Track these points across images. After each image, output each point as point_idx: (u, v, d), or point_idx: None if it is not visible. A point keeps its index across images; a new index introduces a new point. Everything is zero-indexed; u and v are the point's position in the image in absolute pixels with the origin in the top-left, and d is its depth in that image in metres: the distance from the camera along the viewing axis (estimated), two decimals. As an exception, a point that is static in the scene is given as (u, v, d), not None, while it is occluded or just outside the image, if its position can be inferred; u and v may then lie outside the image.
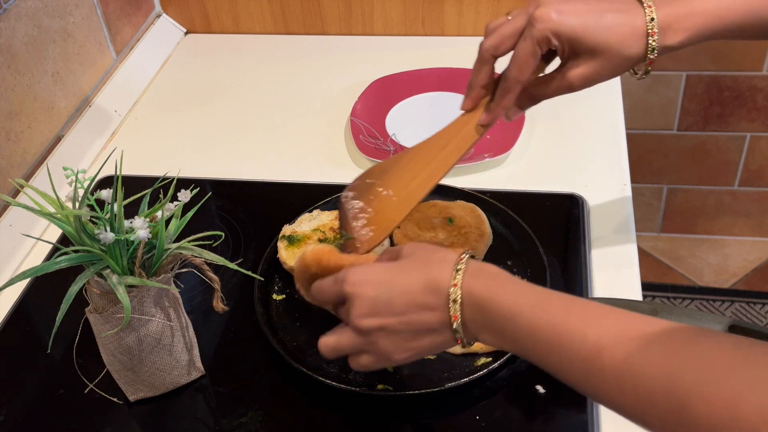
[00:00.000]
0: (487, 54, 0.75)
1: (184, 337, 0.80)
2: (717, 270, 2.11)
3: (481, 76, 0.76)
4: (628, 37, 0.70)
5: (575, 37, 0.70)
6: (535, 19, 0.71)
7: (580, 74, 0.73)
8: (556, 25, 0.70)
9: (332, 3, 1.40)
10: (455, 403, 0.79)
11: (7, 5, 1.05)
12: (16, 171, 1.08)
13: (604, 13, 0.71)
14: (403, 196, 0.79)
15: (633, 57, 0.72)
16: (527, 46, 0.72)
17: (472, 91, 0.78)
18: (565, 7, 0.71)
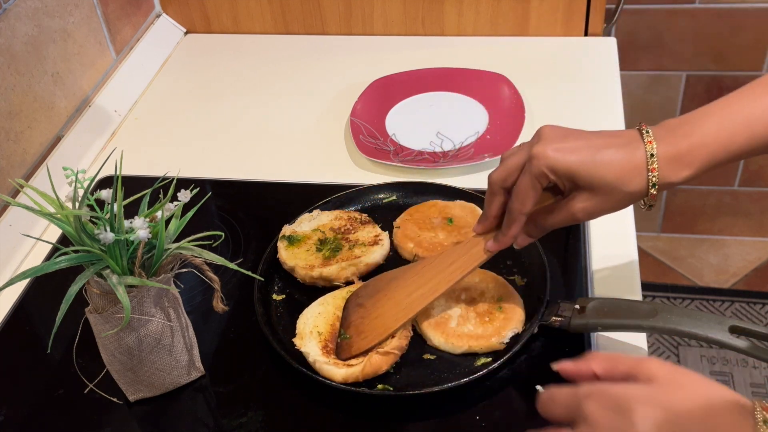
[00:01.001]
0: (495, 186, 0.77)
1: (184, 337, 0.80)
2: (717, 270, 2.11)
3: (494, 207, 0.78)
4: (627, 173, 0.70)
5: (572, 174, 0.71)
6: (533, 156, 0.72)
7: (581, 208, 0.73)
8: (552, 162, 0.71)
9: (332, 3, 1.40)
10: (455, 403, 0.79)
11: (7, 5, 1.05)
12: (16, 171, 1.08)
13: (602, 149, 0.70)
14: (404, 305, 0.82)
15: (634, 192, 0.70)
16: (526, 181, 0.73)
17: (486, 221, 0.80)
18: (562, 144, 0.71)
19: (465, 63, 1.30)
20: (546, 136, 0.73)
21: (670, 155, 0.69)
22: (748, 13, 1.71)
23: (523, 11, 1.34)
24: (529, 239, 0.79)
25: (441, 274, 0.81)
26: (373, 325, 0.82)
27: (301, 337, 0.83)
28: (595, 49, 1.34)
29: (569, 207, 0.73)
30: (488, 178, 0.78)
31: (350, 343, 0.82)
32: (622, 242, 0.96)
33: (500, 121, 1.17)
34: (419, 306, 0.81)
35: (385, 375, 0.81)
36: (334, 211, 0.99)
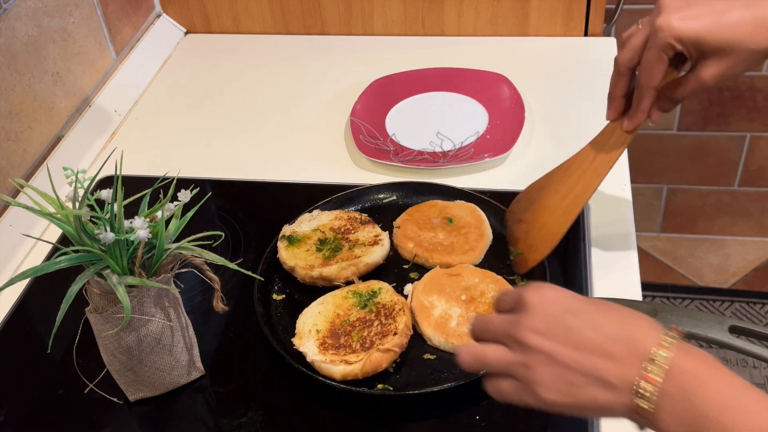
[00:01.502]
0: (623, 68, 0.79)
1: (184, 337, 0.80)
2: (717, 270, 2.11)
3: (620, 87, 0.81)
4: (754, 31, 0.70)
5: (699, 41, 0.72)
6: (657, 28, 0.73)
7: (711, 74, 0.74)
8: (678, 32, 0.72)
9: (332, 3, 1.40)
10: (455, 403, 0.79)
11: (7, 5, 1.05)
12: (16, 171, 1.08)
13: (727, 11, 0.71)
14: (563, 208, 0.84)
15: (763, 50, 0.71)
16: (653, 55, 0.74)
17: (614, 102, 0.82)
18: (686, 12, 0.72)
19: (465, 63, 1.30)
20: (667, 6, 0.73)
21: None
22: (748, 13, 1.70)
23: (523, 11, 1.34)
24: (662, 114, 0.80)
25: (589, 170, 0.82)
26: (540, 236, 0.84)
27: (300, 337, 0.83)
28: (595, 49, 1.34)
29: (698, 75, 0.74)
30: (615, 60, 0.80)
31: (524, 258, 0.83)
32: (622, 242, 0.96)
33: (500, 121, 1.17)
34: (578, 206, 0.82)
35: (385, 375, 0.81)
36: (334, 211, 0.99)
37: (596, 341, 0.56)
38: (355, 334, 0.82)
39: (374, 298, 0.86)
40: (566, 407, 0.57)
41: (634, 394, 0.54)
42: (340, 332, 0.83)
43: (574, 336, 0.56)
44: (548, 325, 0.57)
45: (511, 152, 1.10)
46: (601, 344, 0.56)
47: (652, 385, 0.53)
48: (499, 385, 0.60)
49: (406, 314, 0.83)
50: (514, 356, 0.59)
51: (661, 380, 0.53)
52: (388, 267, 0.94)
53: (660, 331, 0.55)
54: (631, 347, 0.55)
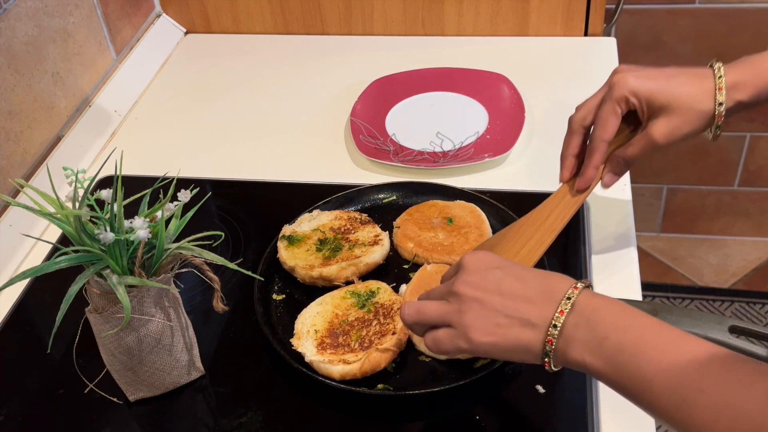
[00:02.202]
0: (576, 125, 0.86)
1: (184, 337, 0.80)
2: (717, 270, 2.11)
3: (573, 146, 0.86)
4: (698, 94, 0.79)
5: (650, 95, 0.80)
6: (614, 83, 0.81)
7: (661, 132, 0.80)
8: (633, 86, 0.80)
9: (332, 3, 1.40)
10: (455, 403, 0.79)
11: (7, 5, 1.05)
12: (16, 171, 1.08)
13: (676, 75, 0.80)
14: None
15: (705, 112, 0.79)
16: (608, 108, 0.81)
17: (566, 161, 0.87)
18: (640, 72, 0.81)
19: (465, 63, 1.30)
20: (623, 68, 0.82)
21: (736, 79, 0.79)
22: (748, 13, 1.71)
23: (523, 11, 1.34)
24: (615, 177, 0.86)
25: (541, 228, 0.85)
26: None
27: (298, 338, 0.83)
28: (595, 49, 1.34)
29: (649, 134, 0.81)
30: (569, 120, 0.86)
31: None
32: (622, 242, 0.96)
33: (500, 121, 1.17)
34: (530, 262, 0.84)
35: (385, 375, 0.81)
36: (334, 211, 0.99)
37: (520, 289, 0.65)
38: (354, 334, 0.82)
39: (372, 298, 0.86)
40: (493, 347, 0.65)
41: (551, 328, 0.63)
42: (338, 332, 0.83)
43: (501, 286, 0.66)
44: (479, 278, 0.67)
45: (511, 152, 1.10)
46: (523, 292, 0.65)
47: (563, 317, 0.62)
48: (435, 335, 0.68)
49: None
50: (449, 306, 0.67)
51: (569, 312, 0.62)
52: (388, 267, 0.94)
53: (573, 281, 0.65)
54: (549, 293, 0.64)
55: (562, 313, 0.62)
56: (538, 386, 0.79)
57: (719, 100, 0.79)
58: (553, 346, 0.63)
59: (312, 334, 0.83)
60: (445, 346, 0.67)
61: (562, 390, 0.79)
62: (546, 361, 0.64)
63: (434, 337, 0.68)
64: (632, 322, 0.61)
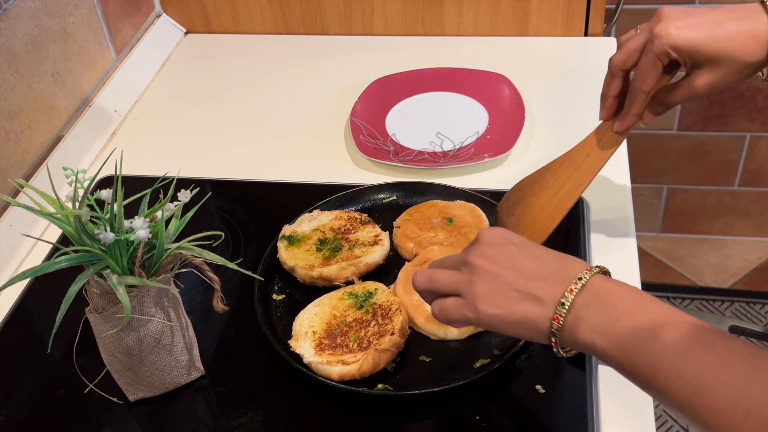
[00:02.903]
0: (616, 68, 0.82)
1: (184, 337, 0.80)
2: (717, 270, 2.11)
3: (613, 88, 0.83)
4: (747, 44, 0.73)
5: (693, 50, 0.75)
6: (654, 35, 0.76)
7: (703, 82, 0.77)
8: (674, 40, 0.75)
9: (332, 3, 1.40)
10: (455, 403, 0.79)
11: (7, 5, 1.05)
12: (16, 171, 1.08)
13: (723, 23, 0.74)
14: (554, 204, 0.85)
15: (755, 63, 0.74)
16: (648, 60, 0.77)
17: (606, 102, 0.84)
18: (683, 21, 0.75)
19: (465, 63, 1.30)
20: (666, 15, 0.76)
21: None
22: (748, 13, 1.70)
23: (523, 11, 1.34)
24: (653, 117, 0.83)
25: (581, 168, 0.84)
26: (531, 231, 0.85)
27: (296, 339, 0.83)
28: (595, 49, 1.34)
29: (691, 82, 0.77)
30: (609, 61, 0.82)
31: None
32: (622, 242, 0.96)
33: (500, 121, 1.17)
34: (569, 202, 0.84)
35: (385, 375, 0.81)
36: (334, 211, 0.99)
37: (533, 266, 0.65)
38: (352, 335, 0.82)
39: (370, 298, 0.86)
40: (499, 320, 0.65)
41: (558, 306, 0.62)
42: (336, 333, 0.83)
43: (515, 261, 0.66)
44: (494, 251, 0.67)
45: (511, 152, 1.10)
46: (536, 269, 0.65)
47: (572, 296, 0.62)
48: (443, 303, 0.68)
49: (402, 314, 0.83)
50: (461, 276, 0.67)
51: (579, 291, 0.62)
52: (388, 267, 0.94)
53: (588, 265, 0.65)
54: (561, 272, 0.64)
55: (572, 292, 0.62)
56: (538, 386, 0.79)
57: None
58: (560, 324, 0.62)
59: (310, 336, 0.83)
60: (452, 314, 0.67)
61: (562, 390, 0.79)
62: (553, 341, 0.64)
63: (442, 305, 0.68)
64: (647, 306, 0.60)
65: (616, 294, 0.62)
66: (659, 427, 1.81)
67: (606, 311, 0.61)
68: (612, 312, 0.60)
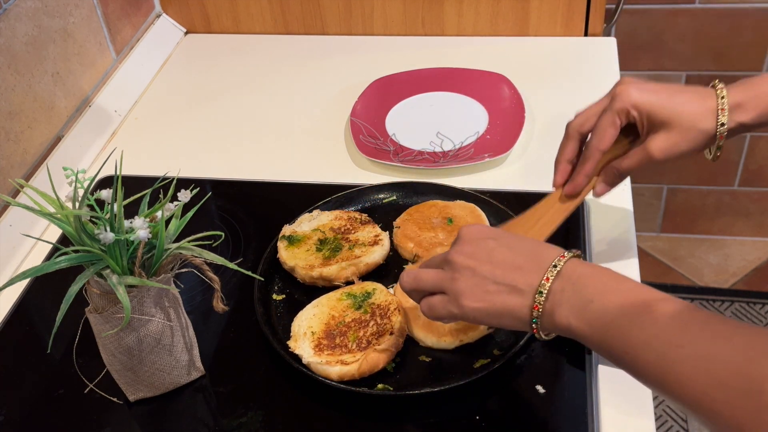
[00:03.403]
0: (573, 131, 0.84)
1: (184, 337, 0.80)
2: (717, 270, 2.11)
3: (568, 151, 0.85)
4: (700, 112, 0.78)
5: (652, 110, 0.78)
6: (616, 94, 0.80)
7: (658, 146, 0.80)
8: (635, 99, 0.79)
9: (332, 3, 1.40)
10: (455, 403, 0.79)
11: (7, 5, 1.06)
12: (16, 171, 1.08)
13: (679, 92, 0.80)
14: None
15: (706, 131, 0.79)
16: (608, 117, 0.80)
17: (560, 166, 0.85)
18: (643, 86, 0.80)
19: (465, 63, 1.30)
20: (627, 80, 0.81)
21: (738, 100, 0.78)
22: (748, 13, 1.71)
23: (523, 11, 1.34)
24: (607, 187, 0.85)
25: (530, 233, 0.84)
26: None
27: (295, 339, 0.83)
28: (595, 49, 1.34)
29: (646, 147, 0.80)
30: (567, 126, 0.84)
31: None
32: (622, 242, 0.96)
33: (500, 121, 1.17)
34: None
35: (385, 375, 0.81)
36: (334, 211, 0.99)
37: (510, 258, 0.69)
38: (351, 335, 0.82)
39: (368, 299, 0.86)
40: (482, 313, 0.69)
41: (537, 294, 0.66)
42: (335, 333, 0.83)
43: (492, 255, 0.69)
44: (472, 247, 0.70)
45: (511, 152, 1.10)
46: (513, 260, 0.68)
47: (548, 283, 0.65)
48: (430, 300, 0.72)
49: (401, 314, 0.84)
50: (444, 274, 0.71)
51: (555, 278, 0.65)
52: (388, 267, 0.94)
53: (563, 250, 0.68)
54: (537, 261, 0.67)
55: (548, 279, 0.65)
56: (538, 386, 0.79)
57: (721, 120, 0.78)
58: (539, 311, 0.66)
59: (309, 336, 0.83)
60: (439, 311, 0.71)
61: (562, 390, 0.79)
62: (534, 327, 0.67)
63: (429, 302, 0.72)
64: (617, 286, 0.64)
65: (588, 275, 0.65)
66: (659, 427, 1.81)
67: (579, 293, 0.64)
68: (585, 293, 0.64)
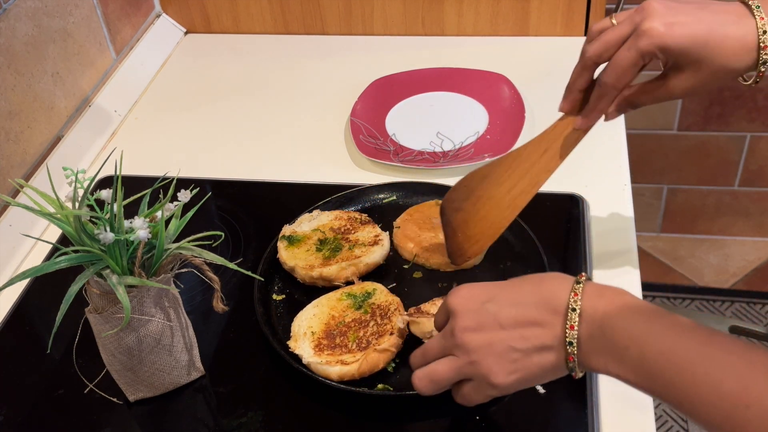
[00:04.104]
0: (589, 61, 0.74)
1: (184, 337, 0.80)
2: (717, 270, 2.11)
3: (581, 80, 0.76)
4: (736, 51, 0.69)
5: (682, 52, 0.69)
6: (643, 32, 0.69)
7: (683, 85, 0.71)
8: (665, 40, 0.69)
9: (332, 3, 1.40)
10: (455, 403, 0.79)
11: (7, 5, 1.05)
12: (16, 171, 1.08)
13: (715, 25, 0.69)
14: (507, 201, 0.80)
15: (740, 69, 0.70)
16: (630, 57, 0.70)
17: (571, 94, 0.77)
18: (673, 19, 0.69)
19: (465, 63, 1.30)
20: (654, 10, 0.69)
21: None
22: (748, 13, 1.70)
23: (523, 11, 1.34)
24: (617, 114, 0.77)
25: (537, 164, 0.78)
26: (481, 228, 0.81)
27: (295, 339, 0.83)
28: (595, 49, 1.33)
29: (669, 85, 0.72)
30: (582, 52, 0.75)
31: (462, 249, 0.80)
32: (622, 242, 0.96)
33: (500, 121, 1.17)
34: (524, 201, 0.79)
35: (385, 375, 0.81)
36: (334, 211, 0.99)
37: (519, 315, 0.62)
38: (351, 335, 0.82)
39: (368, 299, 0.86)
40: (521, 381, 0.63)
41: (566, 346, 0.60)
42: (335, 333, 0.83)
43: (499, 319, 0.62)
44: (474, 320, 0.63)
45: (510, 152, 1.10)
46: (524, 316, 0.62)
47: (575, 332, 0.59)
48: (462, 393, 0.66)
49: (401, 314, 0.83)
50: (459, 360, 0.64)
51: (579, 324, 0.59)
52: (388, 267, 0.94)
53: (570, 282, 0.61)
54: (550, 307, 0.61)
55: (573, 328, 0.59)
56: (538, 386, 0.79)
57: (763, 58, 0.68)
58: (574, 361, 0.61)
59: (309, 336, 0.83)
60: (476, 399, 0.66)
61: (562, 390, 0.79)
62: (574, 375, 0.63)
63: (462, 395, 0.66)
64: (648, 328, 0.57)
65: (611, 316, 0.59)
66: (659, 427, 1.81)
67: (611, 340, 0.58)
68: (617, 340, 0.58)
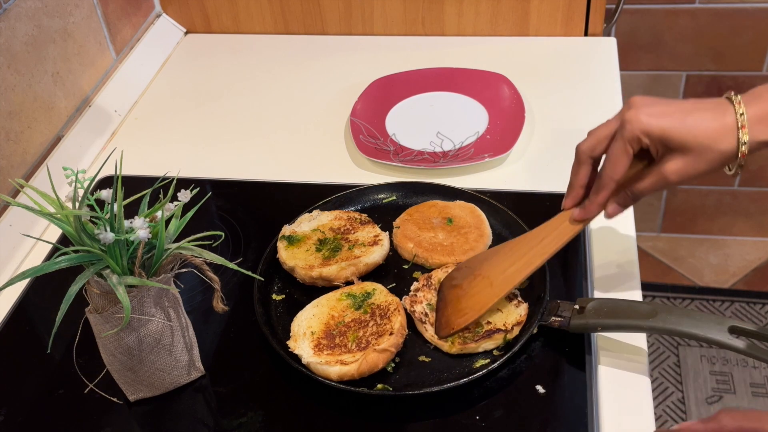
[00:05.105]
0: (584, 156, 0.80)
1: (184, 337, 0.80)
2: (717, 270, 2.11)
3: (581, 176, 0.81)
4: (718, 133, 0.73)
5: (665, 136, 0.74)
6: (625, 121, 0.75)
7: (674, 170, 0.75)
8: (646, 126, 0.74)
9: (332, 3, 1.40)
10: (455, 403, 0.79)
11: (7, 5, 1.06)
12: (16, 171, 1.08)
13: (693, 112, 0.74)
14: (499, 281, 0.84)
15: (725, 152, 0.74)
16: (619, 146, 0.76)
17: (573, 191, 0.82)
18: (654, 108, 0.75)
19: (465, 63, 1.30)
20: (637, 102, 0.76)
21: (758, 116, 0.73)
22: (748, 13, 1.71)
23: (523, 11, 1.34)
24: (619, 209, 0.81)
25: (533, 250, 0.83)
26: (470, 304, 0.84)
27: (294, 339, 0.83)
28: (595, 49, 1.34)
29: (661, 170, 0.76)
30: (576, 149, 0.80)
31: (450, 321, 0.83)
32: (622, 242, 0.96)
33: (500, 121, 1.17)
34: (514, 281, 0.83)
35: (385, 375, 0.81)
36: (334, 211, 0.99)
37: None
38: (351, 335, 0.82)
39: (368, 299, 0.86)
40: None
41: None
42: (335, 333, 0.83)
43: None
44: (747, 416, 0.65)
45: (511, 152, 1.10)
46: None
47: None
48: None
49: (401, 314, 0.84)
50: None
51: None
52: (388, 267, 0.94)
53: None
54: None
55: None
56: (538, 386, 0.79)
57: (743, 138, 0.73)
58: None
59: (308, 336, 0.83)
60: None
61: (562, 390, 0.79)
62: None
63: None
64: None
65: None
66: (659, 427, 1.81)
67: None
68: None
